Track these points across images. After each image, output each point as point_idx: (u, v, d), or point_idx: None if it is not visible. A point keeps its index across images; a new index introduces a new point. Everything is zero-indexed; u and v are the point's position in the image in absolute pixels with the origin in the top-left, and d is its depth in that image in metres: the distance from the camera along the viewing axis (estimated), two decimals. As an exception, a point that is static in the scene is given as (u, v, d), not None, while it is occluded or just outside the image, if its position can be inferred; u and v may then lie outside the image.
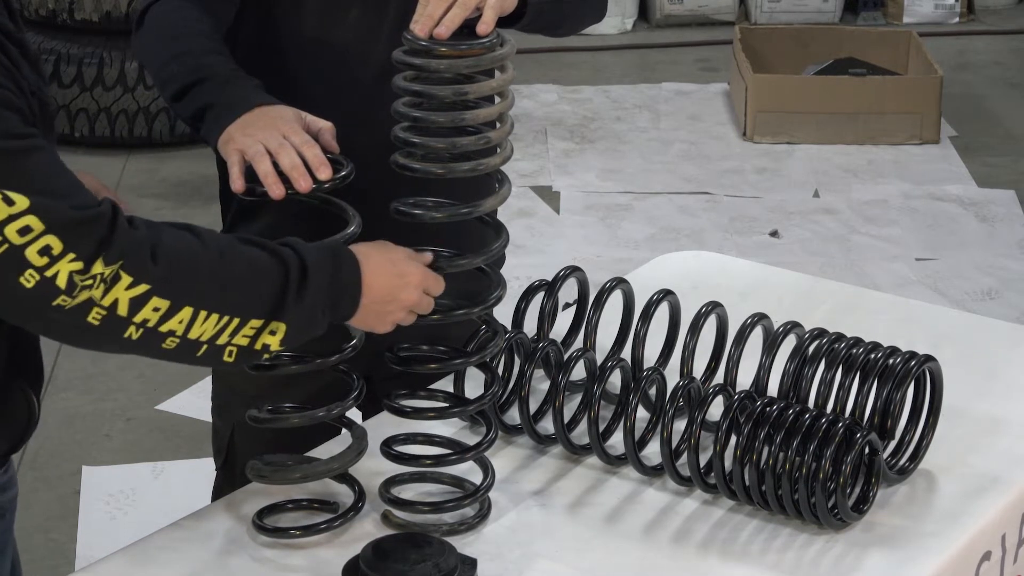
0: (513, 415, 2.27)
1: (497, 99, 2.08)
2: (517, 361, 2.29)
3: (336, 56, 2.38)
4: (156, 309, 1.79)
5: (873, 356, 2.21)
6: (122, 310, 1.78)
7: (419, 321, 2.08)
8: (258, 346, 1.87)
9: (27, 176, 1.75)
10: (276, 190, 2.03)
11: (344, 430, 2.15)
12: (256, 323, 1.86)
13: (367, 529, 2.07)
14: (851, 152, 6.13)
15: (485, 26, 2.04)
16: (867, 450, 2.11)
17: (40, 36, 5.99)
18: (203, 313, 1.82)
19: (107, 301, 1.77)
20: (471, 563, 1.97)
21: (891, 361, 2.19)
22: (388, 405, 2.12)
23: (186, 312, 1.81)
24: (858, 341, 2.23)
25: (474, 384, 2.21)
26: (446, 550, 1.94)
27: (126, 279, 1.77)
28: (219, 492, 2.54)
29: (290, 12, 2.38)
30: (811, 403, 2.18)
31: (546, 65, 6.92)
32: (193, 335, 1.82)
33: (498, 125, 2.07)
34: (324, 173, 2.04)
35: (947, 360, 2.26)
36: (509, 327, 2.30)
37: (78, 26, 5.98)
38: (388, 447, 2.12)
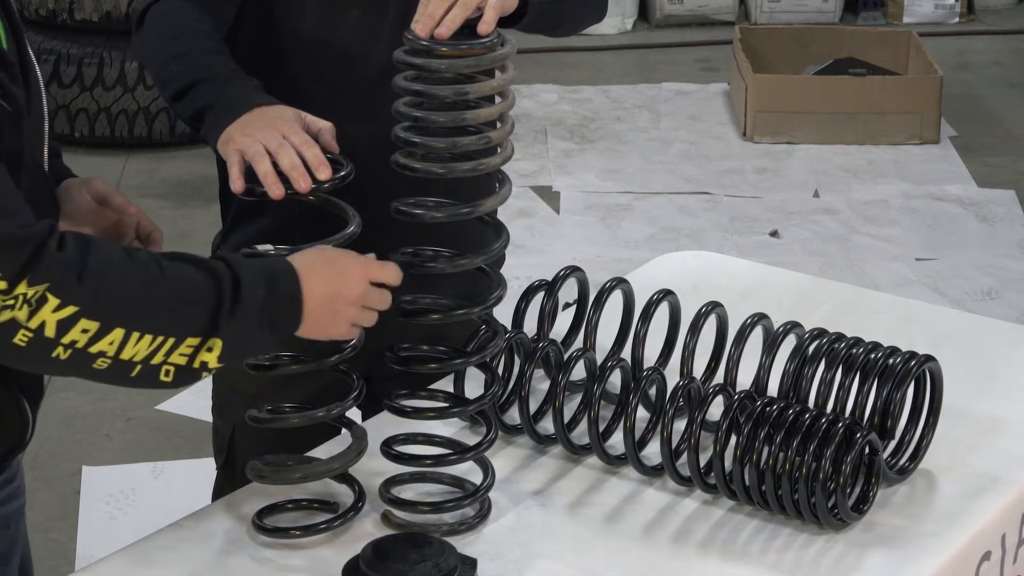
0: (513, 415, 2.27)
1: (498, 99, 2.08)
2: (517, 361, 2.29)
3: (336, 56, 2.38)
4: (85, 331, 1.76)
5: (873, 356, 2.21)
6: (49, 332, 1.75)
7: (420, 320, 2.08)
8: (196, 364, 1.84)
9: None
10: (276, 190, 2.03)
11: (344, 430, 2.15)
12: (193, 341, 1.82)
13: (367, 529, 2.07)
14: (851, 152, 6.13)
15: (486, 26, 2.04)
16: (867, 450, 2.11)
17: (40, 36, 5.99)
18: (135, 334, 1.78)
19: (34, 323, 1.74)
20: (471, 563, 1.97)
21: (891, 361, 2.19)
22: (388, 405, 2.12)
23: (117, 333, 1.77)
24: (858, 341, 2.23)
25: (474, 384, 2.21)
26: (446, 550, 1.94)
27: (53, 301, 1.74)
28: (219, 492, 2.54)
29: (290, 12, 2.38)
30: (811, 403, 2.18)
31: (546, 65, 6.92)
32: (125, 356, 1.79)
33: (499, 125, 2.07)
34: (324, 173, 2.04)
35: (947, 360, 2.26)
36: (509, 327, 2.30)
37: (78, 26, 5.98)
38: (388, 447, 2.12)
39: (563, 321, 2.45)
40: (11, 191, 1.78)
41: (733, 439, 2.10)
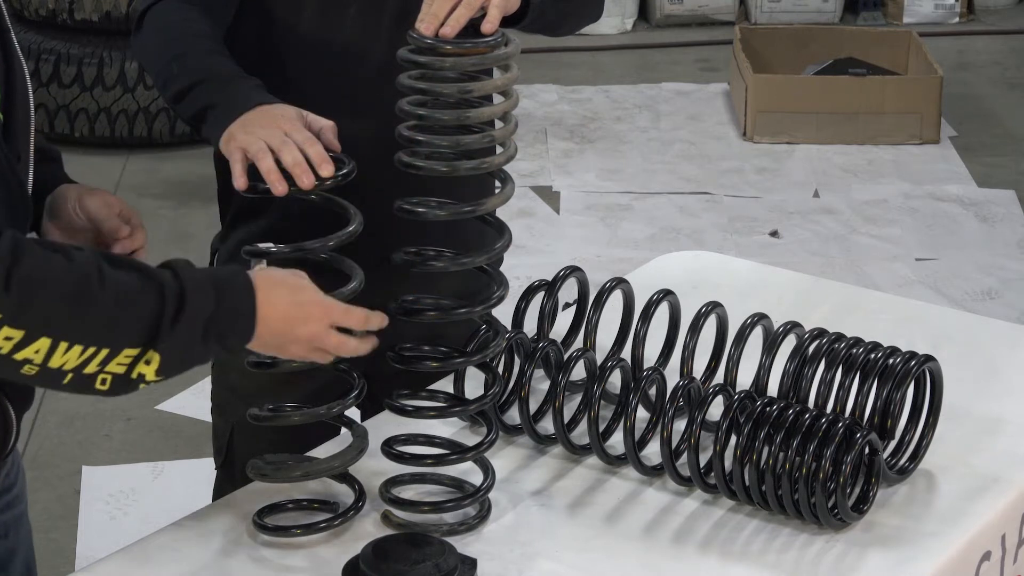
0: (513, 415, 2.27)
1: (501, 98, 2.08)
2: (517, 361, 2.29)
3: (335, 54, 2.38)
4: (8, 338, 1.72)
5: (873, 356, 2.21)
6: None
7: (422, 319, 2.08)
8: (134, 375, 1.79)
9: None
10: (279, 187, 2.03)
11: (344, 429, 2.15)
12: (131, 352, 1.77)
13: (367, 529, 2.07)
14: (851, 152, 6.13)
15: (490, 24, 2.05)
16: (867, 450, 2.11)
17: (40, 36, 5.99)
18: (63, 344, 1.74)
19: None
20: (471, 563, 1.97)
21: (891, 361, 2.19)
22: (389, 404, 2.12)
23: (43, 343, 1.73)
24: (858, 341, 2.23)
25: (474, 384, 2.21)
26: (446, 550, 1.94)
27: None
28: (219, 491, 2.54)
29: (289, 11, 2.38)
30: (811, 403, 2.18)
31: (546, 65, 6.92)
32: (54, 364, 1.75)
33: (502, 124, 2.07)
34: (326, 170, 2.04)
35: (947, 360, 2.26)
36: (509, 327, 2.30)
37: (78, 26, 5.98)
38: (389, 447, 2.12)
39: (563, 321, 2.45)
40: None
41: (733, 439, 2.10)
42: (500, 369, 2.25)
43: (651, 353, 2.36)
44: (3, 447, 1.98)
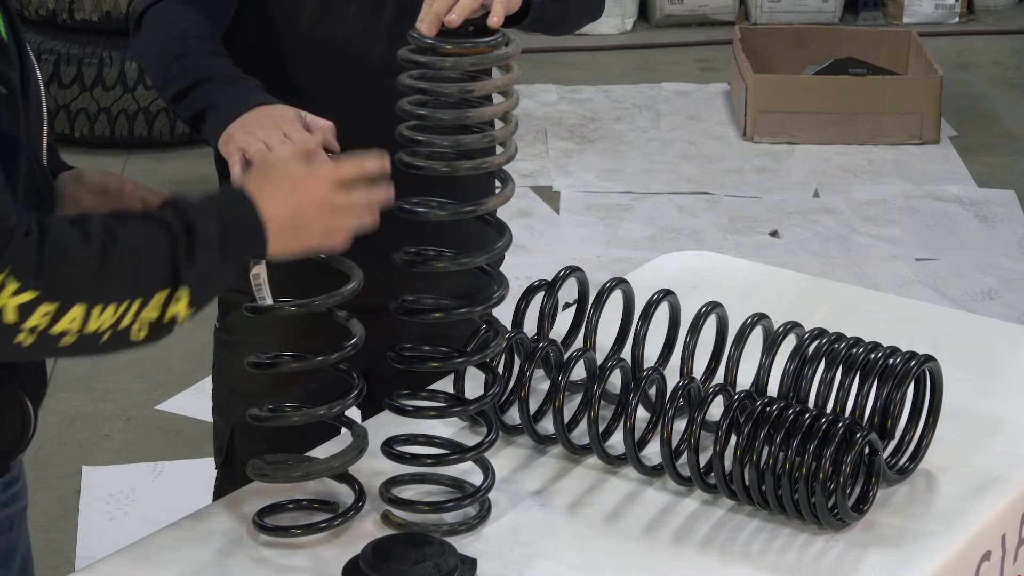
0: (513, 415, 2.27)
1: (501, 98, 2.08)
2: (517, 361, 2.29)
3: (335, 54, 2.38)
4: (46, 314, 1.75)
5: (873, 356, 2.21)
6: (9, 318, 1.74)
7: (422, 319, 2.08)
8: (167, 318, 1.82)
9: None
10: (277, 188, 2.03)
11: (344, 429, 2.15)
12: (161, 295, 1.81)
13: (367, 529, 2.07)
14: (851, 152, 6.13)
15: (496, 19, 2.06)
16: (867, 450, 2.11)
17: (40, 36, 5.99)
18: (97, 307, 1.77)
19: None
20: (471, 563, 1.97)
21: (891, 361, 2.19)
22: (389, 404, 2.12)
23: (77, 310, 1.77)
24: (858, 341, 2.23)
25: (474, 384, 2.21)
26: (446, 550, 1.95)
27: (11, 285, 1.73)
28: (219, 491, 2.54)
29: (288, 11, 2.38)
30: (811, 403, 2.18)
31: (546, 65, 6.92)
32: (90, 329, 1.78)
33: (502, 124, 2.07)
34: (325, 170, 2.04)
35: (947, 360, 2.26)
36: (509, 327, 2.30)
37: (78, 26, 5.98)
38: (389, 447, 2.12)
39: (563, 321, 2.45)
40: None
41: (733, 439, 2.10)
42: (500, 369, 2.25)
43: (651, 353, 2.36)
44: (22, 440, 2.00)
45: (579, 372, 2.25)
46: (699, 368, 2.32)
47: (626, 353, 2.34)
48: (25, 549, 2.12)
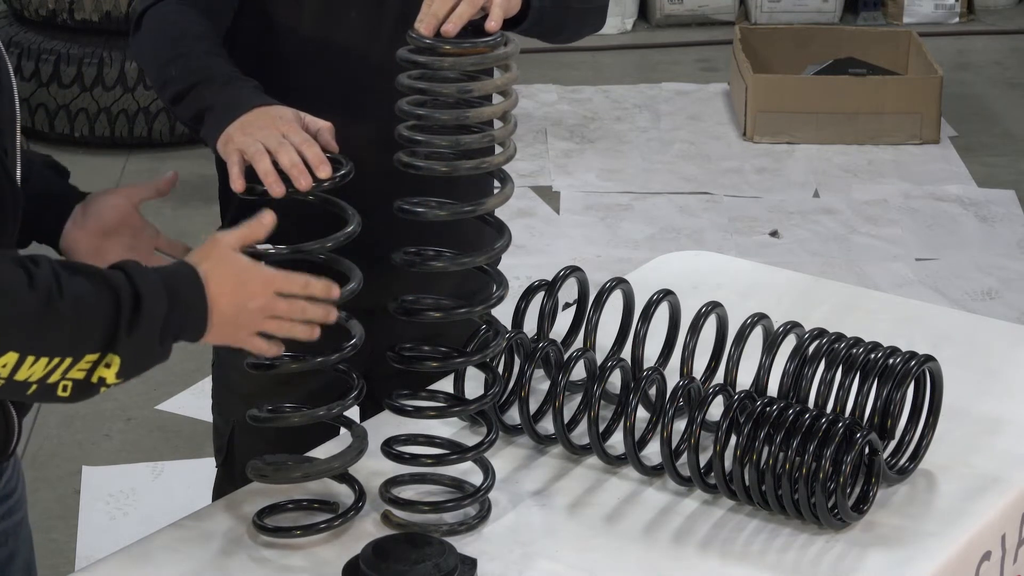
0: (513, 415, 2.27)
1: (500, 98, 2.08)
2: (517, 361, 2.29)
3: (335, 56, 2.38)
4: None
5: (873, 356, 2.21)
6: None
7: (422, 319, 2.08)
8: (94, 379, 1.80)
9: None
10: (276, 188, 2.03)
11: (343, 430, 2.15)
12: (91, 357, 1.78)
13: (367, 529, 2.07)
14: (851, 152, 6.13)
15: (494, 23, 2.06)
16: (867, 450, 2.11)
17: (40, 36, 6.00)
18: (30, 358, 1.75)
19: None
20: (471, 563, 1.97)
21: (891, 361, 2.19)
22: (389, 404, 2.12)
23: (10, 357, 1.74)
24: (858, 341, 2.23)
25: (474, 384, 2.21)
26: (446, 550, 1.95)
27: None
28: (219, 490, 2.54)
29: (289, 13, 2.38)
30: (811, 403, 2.18)
31: (546, 65, 6.92)
32: (20, 377, 1.75)
33: (502, 124, 2.07)
34: (324, 171, 2.04)
35: (947, 360, 2.26)
36: (509, 327, 2.30)
37: (78, 26, 5.99)
38: (389, 447, 2.12)
39: (563, 321, 2.45)
40: None
41: (733, 439, 2.10)
42: (500, 369, 2.25)
43: (651, 353, 2.36)
44: (5, 449, 1.98)
45: (579, 372, 2.25)
46: (699, 368, 2.32)
47: (626, 353, 2.34)
48: (27, 555, 2.11)
